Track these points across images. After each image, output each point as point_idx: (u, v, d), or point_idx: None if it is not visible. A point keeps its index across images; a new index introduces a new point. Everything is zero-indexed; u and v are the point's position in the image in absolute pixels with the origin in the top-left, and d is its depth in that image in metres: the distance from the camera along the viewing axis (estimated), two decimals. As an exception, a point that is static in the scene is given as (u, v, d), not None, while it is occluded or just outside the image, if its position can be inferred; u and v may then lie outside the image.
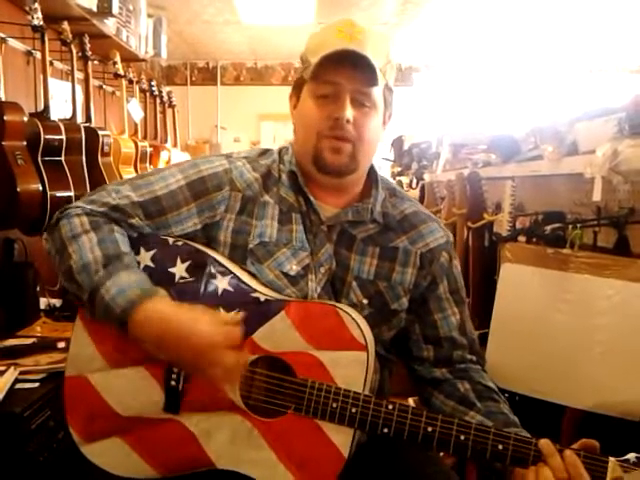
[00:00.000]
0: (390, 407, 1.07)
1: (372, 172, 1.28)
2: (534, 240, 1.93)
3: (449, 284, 1.29)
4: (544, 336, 1.73)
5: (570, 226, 1.74)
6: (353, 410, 1.07)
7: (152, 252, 1.18)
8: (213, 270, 1.16)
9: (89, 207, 1.17)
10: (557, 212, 1.98)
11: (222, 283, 1.15)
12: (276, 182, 1.24)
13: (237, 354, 1.05)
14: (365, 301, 1.21)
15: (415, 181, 3.74)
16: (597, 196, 1.63)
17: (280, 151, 1.29)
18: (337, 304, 1.14)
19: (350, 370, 1.09)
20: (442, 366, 1.27)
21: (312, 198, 1.21)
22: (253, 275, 1.18)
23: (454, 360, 1.27)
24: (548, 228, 1.84)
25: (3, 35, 2.59)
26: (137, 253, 1.18)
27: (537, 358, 1.74)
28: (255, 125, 6.61)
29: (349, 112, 1.14)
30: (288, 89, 1.27)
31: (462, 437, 1.05)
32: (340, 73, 1.13)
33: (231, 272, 1.16)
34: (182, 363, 1.09)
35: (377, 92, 1.17)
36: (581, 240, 1.70)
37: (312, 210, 1.22)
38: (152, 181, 1.21)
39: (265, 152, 1.30)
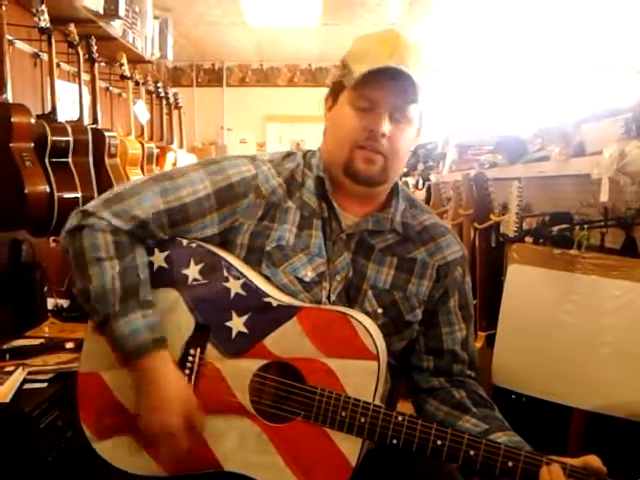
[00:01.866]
0: (400, 418, 1.06)
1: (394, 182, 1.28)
2: (541, 241, 1.93)
3: (459, 299, 1.28)
4: (551, 337, 1.73)
5: (577, 227, 1.74)
6: (362, 420, 1.06)
7: (166, 253, 1.18)
8: (226, 273, 1.15)
9: (115, 223, 1.13)
10: (564, 213, 1.98)
11: (235, 287, 1.14)
12: (299, 187, 1.23)
13: (178, 445, 1.09)
14: (380, 310, 1.20)
15: (421, 182, 3.73)
16: (604, 197, 1.63)
17: (305, 155, 1.28)
18: (349, 312, 1.13)
19: (360, 379, 1.08)
20: (440, 376, 1.27)
21: (336, 205, 1.21)
22: (267, 279, 1.18)
23: (453, 373, 1.27)
24: (555, 229, 1.83)
25: (10, 37, 2.60)
26: (151, 254, 1.17)
27: (544, 359, 1.74)
28: (261, 126, 6.61)
29: (386, 127, 1.14)
30: (294, 90, 1.27)
31: (471, 452, 1.04)
32: (381, 88, 1.13)
33: (244, 276, 1.15)
34: (143, 417, 1.12)
35: (415, 108, 1.17)
36: (588, 241, 1.70)
37: (334, 217, 1.21)
38: (180, 185, 1.18)
39: (289, 155, 1.28)
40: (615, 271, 1.59)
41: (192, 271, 1.16)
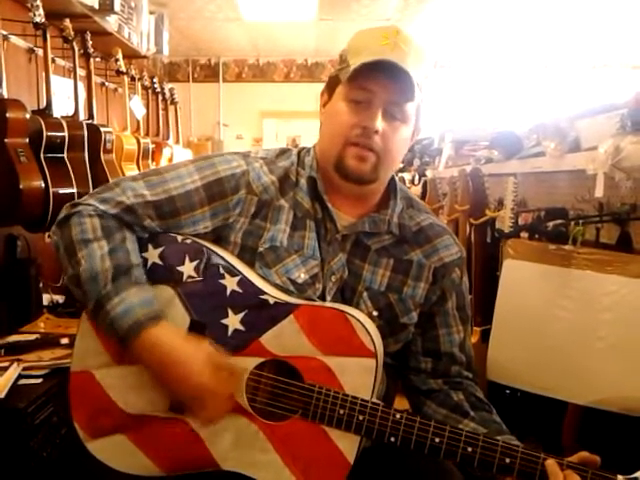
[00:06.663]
0: (398, 416, 1.06)
1: (391, 181, 1.25)
2: (536, 236, 1.93)
3: (457, 301, 1.27)
4: (546, 332, 1.73)
5: (572, 222, 1.74)
6: (360, 417, 1.06)
7: (160, 249, 1.16)
8: (222, 270, 1.13)
9: (102, 207, 1.13)
10: (559, 208, 1.98)
11: (231, 284, 1.13)
12: (293, 186, 1.21)
13: (224, 403, 1.07)
14: (375, 313, 1.19)
15: (417, 177, 3.74)
16: (599, 192, 1.63)
17: (300, 153, 1.25)
18: (347, 309, 1.12)
19: (358, 377, 1.07)
20: (438, 378, 1.26)
21: (330, 206, 1.19)
22: (262, 277, 1.16)
23: (451, 374, 1.26)
24: (550, 224, 1.84)
25: (5, 32, 2.59)
26: (145, 250, 1.16)
27: (539, 354, 1.74)
28: (257, 122, 6.61)
29: (379, 123, 1.11)
30: (290, 85, 1.26)
31: (469, 449, 1.04)
32: (377, 82, 1.10)
33: (240, 273, 1.13)
34: (175, 394, 1.10)
35: (411, 106, 1.14)
36: (583, 236, 1.70)
37: (329, 218, 1.19)
38: (167, 179, 1.18)
39: (284, 152, 1.26)
40: (610, 266, 1.60)
41: (187, 268, 1.14)
